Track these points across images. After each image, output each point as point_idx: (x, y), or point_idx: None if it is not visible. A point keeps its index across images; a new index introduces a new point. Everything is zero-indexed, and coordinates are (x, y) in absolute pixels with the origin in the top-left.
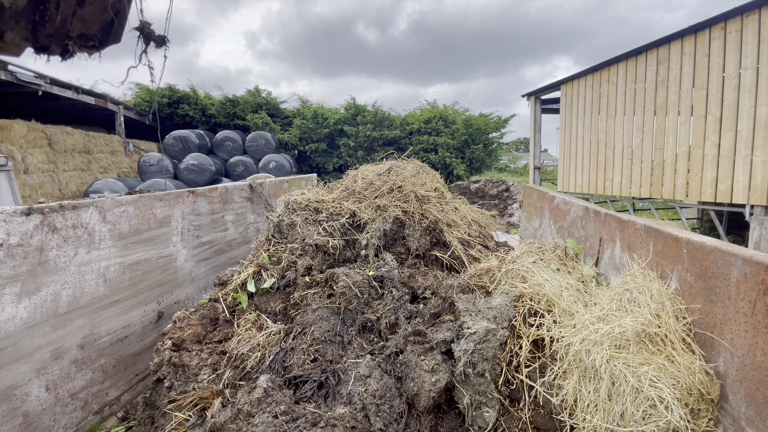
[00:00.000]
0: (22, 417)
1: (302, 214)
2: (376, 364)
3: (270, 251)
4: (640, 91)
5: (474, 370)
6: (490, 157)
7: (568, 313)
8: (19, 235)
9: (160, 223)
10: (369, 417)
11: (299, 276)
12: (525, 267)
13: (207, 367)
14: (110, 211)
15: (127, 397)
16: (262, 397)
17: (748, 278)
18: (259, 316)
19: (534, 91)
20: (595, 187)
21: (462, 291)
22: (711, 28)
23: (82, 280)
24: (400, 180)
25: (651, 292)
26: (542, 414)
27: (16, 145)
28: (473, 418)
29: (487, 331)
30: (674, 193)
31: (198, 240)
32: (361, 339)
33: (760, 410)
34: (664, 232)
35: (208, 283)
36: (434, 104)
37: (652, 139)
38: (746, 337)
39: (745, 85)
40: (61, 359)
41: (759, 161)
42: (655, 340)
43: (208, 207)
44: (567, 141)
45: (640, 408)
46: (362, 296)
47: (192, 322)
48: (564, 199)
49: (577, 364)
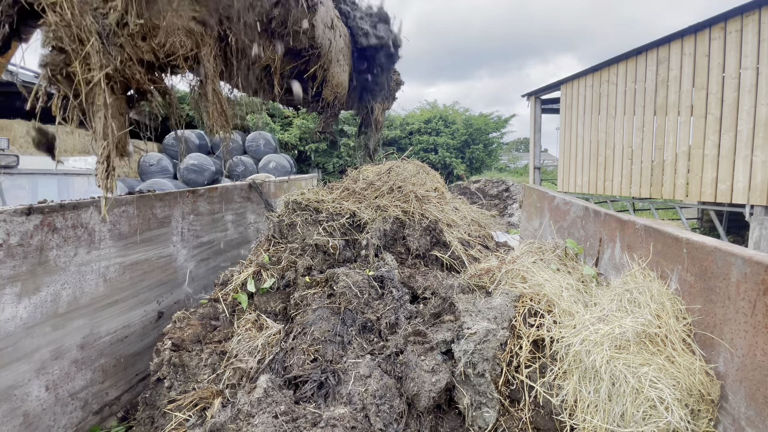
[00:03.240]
0: (22, 417)
1: (302, 215)
2: (376, 364)
3: (270, 251)
4: (640, 91)
5: (474, 370)
6: (490, 157)
7: (568, 313)
8: (19, 235)
9: (160, 223)
10: (369, 417)
11: (299, 276)
12: (525, 267)
13: (207, 367)
14: (110, 211)
15: (127, 397)
16: (262, 397)
17: (748, 278)
18: (259, 316)
19: (534, 91)
20: (595, 187)
21: (462, 291)
22: (711, 28)
23: (82, 280)
24: (400, 180)
25: (651, 293)
26: (542, 414)
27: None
28: (473, 419)
29: (487, 331)
30: (674, 193)
31: (198, 240)
32: (361, 339)
33: (760, 410)
34: (664, 232)
35: (208, 283)
36: (434, 104)
37: (652, 139)
38: (746, 337)
39: (745, 85)
40: (61, 359)
41: (759, 161)
42: (655, 341)
43: (208, 207)
44: (567, 141)
45: (641, 409)
46: (362, 296)
47: (192, 322)
48: (564, 199)
49: (577, 365)
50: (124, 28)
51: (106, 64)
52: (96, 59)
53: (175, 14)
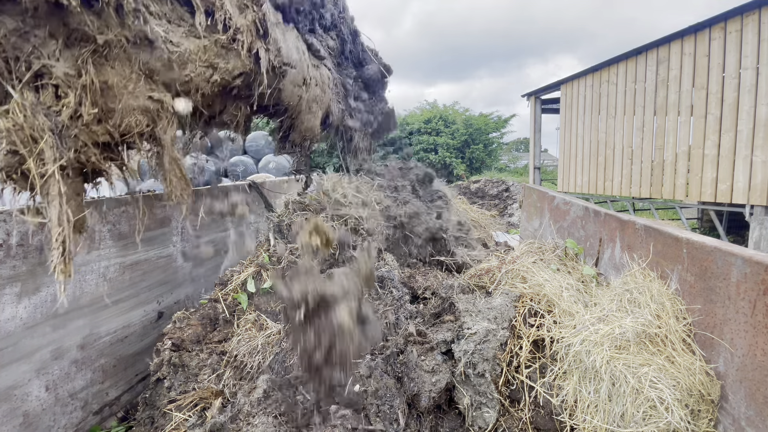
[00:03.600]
0: (23, 417)
1: (302, 215)
2: (376, 364)
3: (270, 251)
4: (640, 91)
5: (474, 370)
6: (490, 157)
7: (568, 313)
8: (20, 235)
9: (160, 223)
10: (369, 417)
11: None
12: (525, 267)
13: (207, 367)
14: (110, 211)
15: (127, 397)
16: (262, 398)
17: (748, 278)
18: (259, 316)
19: (534, 91)
20: (595, 187)
21: (462, 291)
22: (711, 28)
23: (82, 280)
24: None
25: (651, 293)
26: (542, 414)
27: None
28: (473, 419)
29: (488, 331)
30: (674, 193)
31: (198, 240)
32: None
33: (760, 410)
34: (664, 232)
35: (208, 283)
36: (434, 104)
37: (652, 139)
38: (746, 337)
39: (745, 85)
40: (61, 359)
41: (759, 161)
42: (655, 341)
43: (208, 207)
44: (567, 141)
45: (641, 409)
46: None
47: (192, 322)
48: (564, 199)
49: (577, 365)
50: (78, 120)
51: (60, 157)
52: (50, 154)
53: (131, 96)
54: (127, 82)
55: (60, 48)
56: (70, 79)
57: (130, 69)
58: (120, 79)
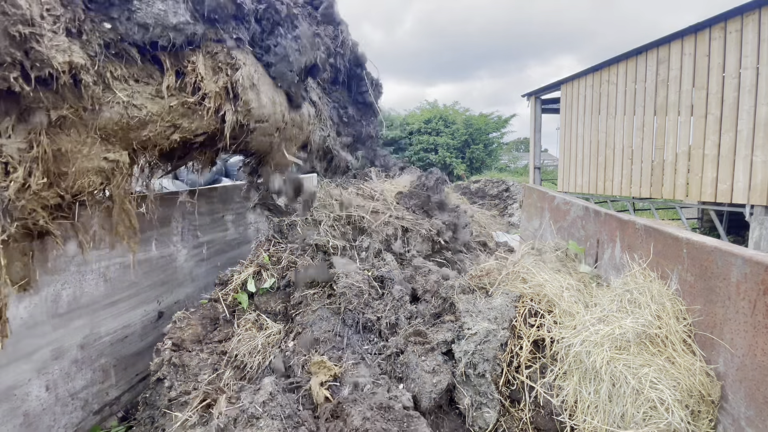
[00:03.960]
0: (23, 417)
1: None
2: (377, 364)
3: (270, 251)
4: (640, 91)
5: (474, 370)
6: (490, 157)
7: (568, 313)
8: None
9: (160, 223)
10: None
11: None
12: (525, 268)
13: (207, 367)
14: None
15: (127, 397)
16: (267, 400)
17: (748, 278)
18: (259, 316)
19: (534, 91)
20: (595, 187)
21: (462, 291)
22: (711, 28)
23: (82, 280)
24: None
25: (651, 293)
26: (542, 415)
27: None
28: (474, 419)
29: (488, 331)
30: (674, 193)
31: (198, 240)
32: (362, 339)
33: (760, 410)
34: (664, 232)
35: (208, 283)
36: (434, 104)
37: (652, 139)
38: (746, 337)
39: (745, 85)
40: (61, 359)
41: (759, 161)
42: (655, 342)
43: (208, 207)
44: (567, 141)
45: (641, 409)
46: (362, 296)
47: (192, 322)
48: (564, 199)
49: (577, 365)
50: (27, 191)
51: (3, 231)
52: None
53: (86, 159)
54: (82, 147)
55: (13, 123)
56: (21, 154)
57: (86, 134)
58: (75, 144)
